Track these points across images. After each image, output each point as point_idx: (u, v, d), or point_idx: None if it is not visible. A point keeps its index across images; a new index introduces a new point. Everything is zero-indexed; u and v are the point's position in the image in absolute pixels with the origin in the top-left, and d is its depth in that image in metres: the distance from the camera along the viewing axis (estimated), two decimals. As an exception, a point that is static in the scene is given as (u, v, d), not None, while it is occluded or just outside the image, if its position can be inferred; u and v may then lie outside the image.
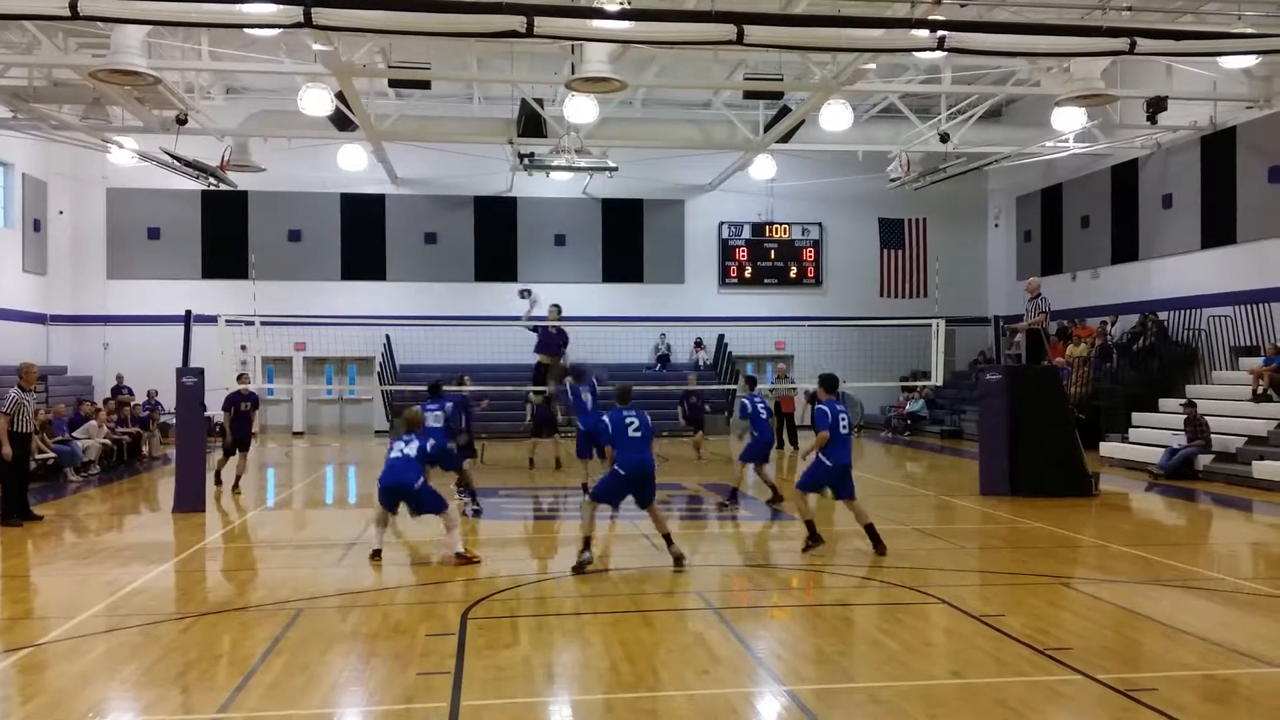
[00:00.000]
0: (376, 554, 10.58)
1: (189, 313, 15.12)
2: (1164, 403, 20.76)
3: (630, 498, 10.32)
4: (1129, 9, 15.14)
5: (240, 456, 16.59)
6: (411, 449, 10.81)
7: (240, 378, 17.64)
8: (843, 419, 10.78)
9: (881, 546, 10.65)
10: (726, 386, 27.25)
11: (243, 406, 16.73)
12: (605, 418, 10.35)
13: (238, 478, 16.45)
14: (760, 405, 14.65)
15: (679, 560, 10.07)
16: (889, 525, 12.99)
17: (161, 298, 27.38)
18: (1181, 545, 12.26)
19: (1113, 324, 25.42)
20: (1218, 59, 18.13)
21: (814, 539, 10.87)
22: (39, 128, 22.85)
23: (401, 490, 10.61)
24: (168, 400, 20.65)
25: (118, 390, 24.79)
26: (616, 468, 10.07)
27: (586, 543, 10.06)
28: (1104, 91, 17.75)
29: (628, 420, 10.16)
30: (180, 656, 7.17)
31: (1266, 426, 17.65)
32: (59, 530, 13.19)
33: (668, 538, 10.20)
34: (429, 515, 10.83)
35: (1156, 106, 20.85)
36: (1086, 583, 9.59)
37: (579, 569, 9.83)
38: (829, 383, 11.12)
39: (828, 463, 10.72)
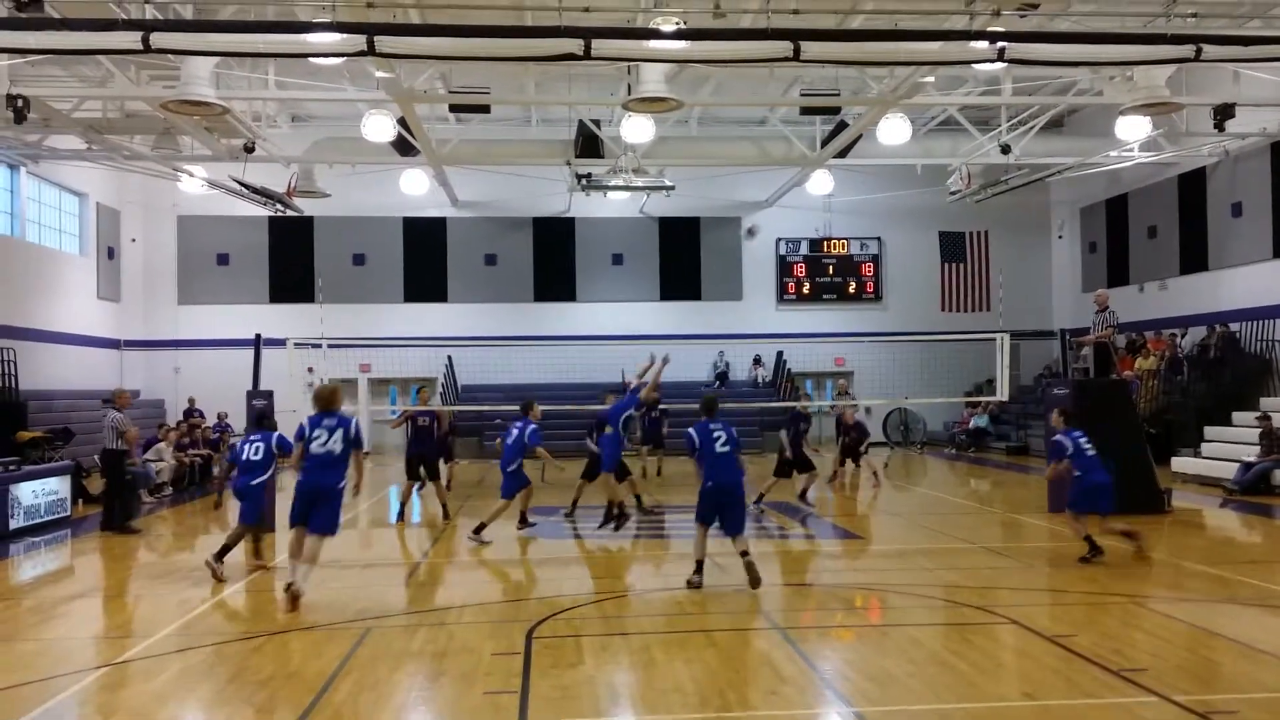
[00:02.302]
0: (290, 586, 9.24)
1: (259, 336, 15.42)
2: (1237, 416, 20.25)
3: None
4: (1194, 15, 14.84)
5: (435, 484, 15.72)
6: (337, 441, 9.40)
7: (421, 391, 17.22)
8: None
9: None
10: (786, 403, 27.08)
11: (420, 421, 15.71)
12: (691, 430, 9.94)
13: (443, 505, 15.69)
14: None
15: (754, 583, 9.62)
16: (955, 543, 12.83)
17: (231, 322, 27.98)
18: (1258, 562, 11.92)
19: (1182, 336, 24.88)
20: (1287, 64, 17.72)
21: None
22: (112, 158, 23.55)
23: (322, 493, 9.34)
24: (237, 422, 21.11)
25: (189, 413, 25.35)
26: (706, 481, 9.81)
27: (699, 566, 9.85)
28: (1169, 99, 17.43)
29: (715, 434, 9.85)
30: (253, 675, 7.30)
31: (1346, 439, 17.14)
32: (134, 550, 13.53)
33: (745, 554, 9.72)
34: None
35: (1224, 113, 20.37)
36: (1160, 601, 9.37)
37: (690, 586, 9.77)
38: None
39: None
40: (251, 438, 11.32)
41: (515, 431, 13.10)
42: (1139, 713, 6.22)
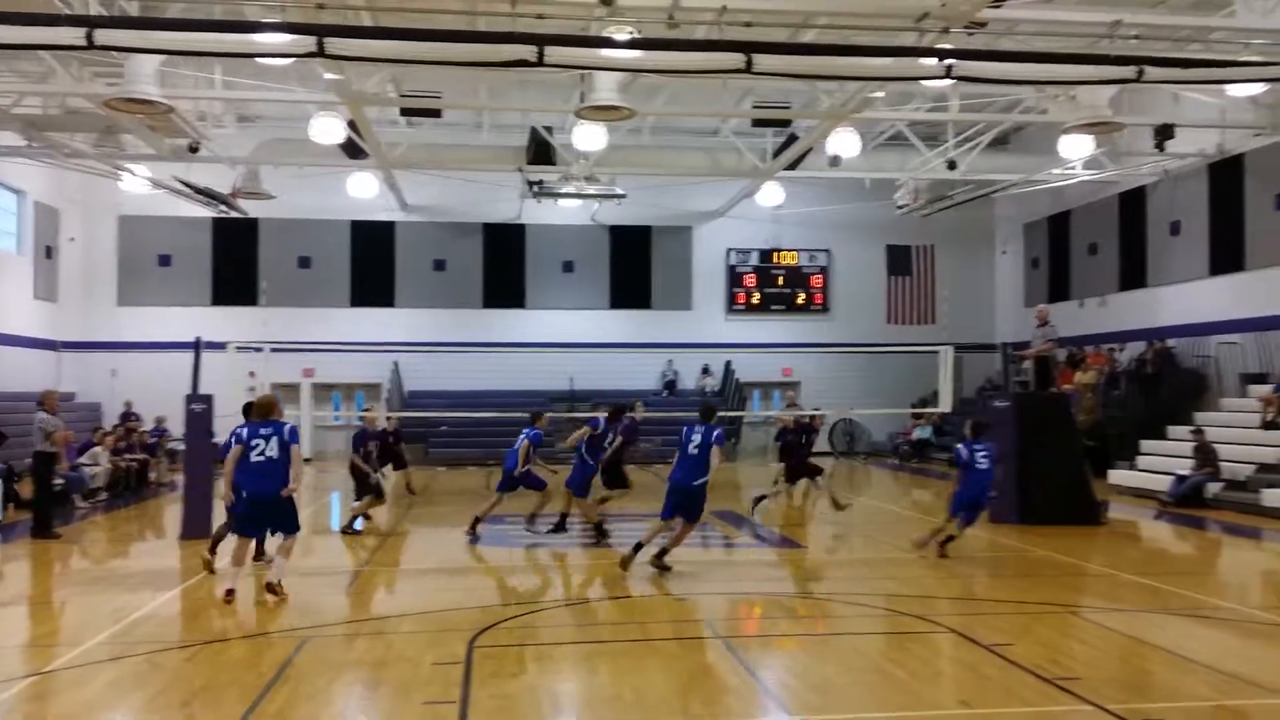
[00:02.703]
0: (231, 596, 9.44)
1: (199, 339, 15.18)
2: (1173, 430, 20.68)
3: None
4: (1136, 37, 15.16)
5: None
6: (274, 447, 9.54)
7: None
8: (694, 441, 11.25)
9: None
10: (734, 413, 27.20)
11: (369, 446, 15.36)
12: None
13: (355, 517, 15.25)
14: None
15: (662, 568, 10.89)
16: (896, 553, 12.96)
17: (171, 324, 27.43)
18: (1191, 574, 12.19)
19: (1121, 351, 25.38)
20: (1225, 87, 18.16)
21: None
22: (52, 156, 23.01)
23: (267, 500, 9.51)
24: (176, 427, 20.74)
25: (126, 417, 24.86)
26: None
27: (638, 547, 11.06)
28: (1111, 119, 17.79)
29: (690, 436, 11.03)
30: (186, 685, 7.16)
31: (1276, 454, 17.55)
32: (65, 556, 13.22)
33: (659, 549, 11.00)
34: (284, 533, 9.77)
35: (1164, 134, 20.88)
36: (1095, 611, 9.53)
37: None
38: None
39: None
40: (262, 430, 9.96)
41: (522, 438, 13.92)
42: (1073, 722, 6.32)
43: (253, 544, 10.48)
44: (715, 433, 10.89)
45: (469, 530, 13.79)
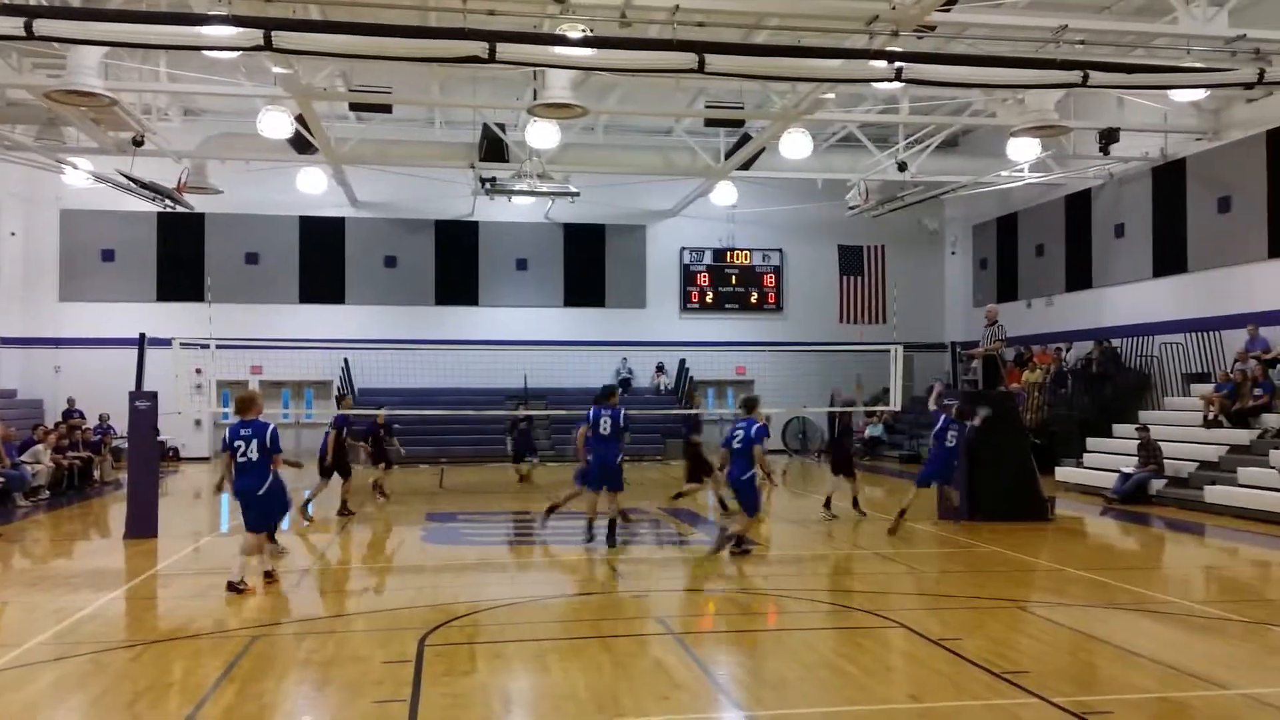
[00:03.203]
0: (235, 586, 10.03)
1: (143, 335, 14.91)
2: (1118, 428, 21.05)
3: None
4: (1082, 43, 15.42)
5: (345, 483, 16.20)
6: (254, 449, 9.97)
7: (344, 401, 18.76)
8: (603, 421, 12.70)
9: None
10: (688, 411, 27.22)
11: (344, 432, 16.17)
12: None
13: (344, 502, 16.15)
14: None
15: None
16: (848, 549, 13.06)
17: (115, 320, 26.95)
18: (1135, 569, 12.41)
19: (1067, 350, 25.78)
20: (1168, 92, 18.55)
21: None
22: (-9, 147, 22.51)
23: (248, 497, 10.06)
24: (120, 424, 20.35)
25: (69, 414, 24.37)
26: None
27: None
28: (1058, 123, 18.06)
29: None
30: (130, 685, 7.03)
31: (1218, 452, 17.94)
32: (6, 555, 12.93)
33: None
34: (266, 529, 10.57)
35: (1109, 138, 21.26)
36: (1043, 606, 9.67)
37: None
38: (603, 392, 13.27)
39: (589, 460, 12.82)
40: (242, 430, 10.19)
41: (740, 431, 12.06)
42: (1019, 714, 6.39)
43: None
44: (755, 428, 11.69)
45: (545, 515, 14.08)
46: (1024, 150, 21.73)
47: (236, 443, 10.07)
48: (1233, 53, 15.38)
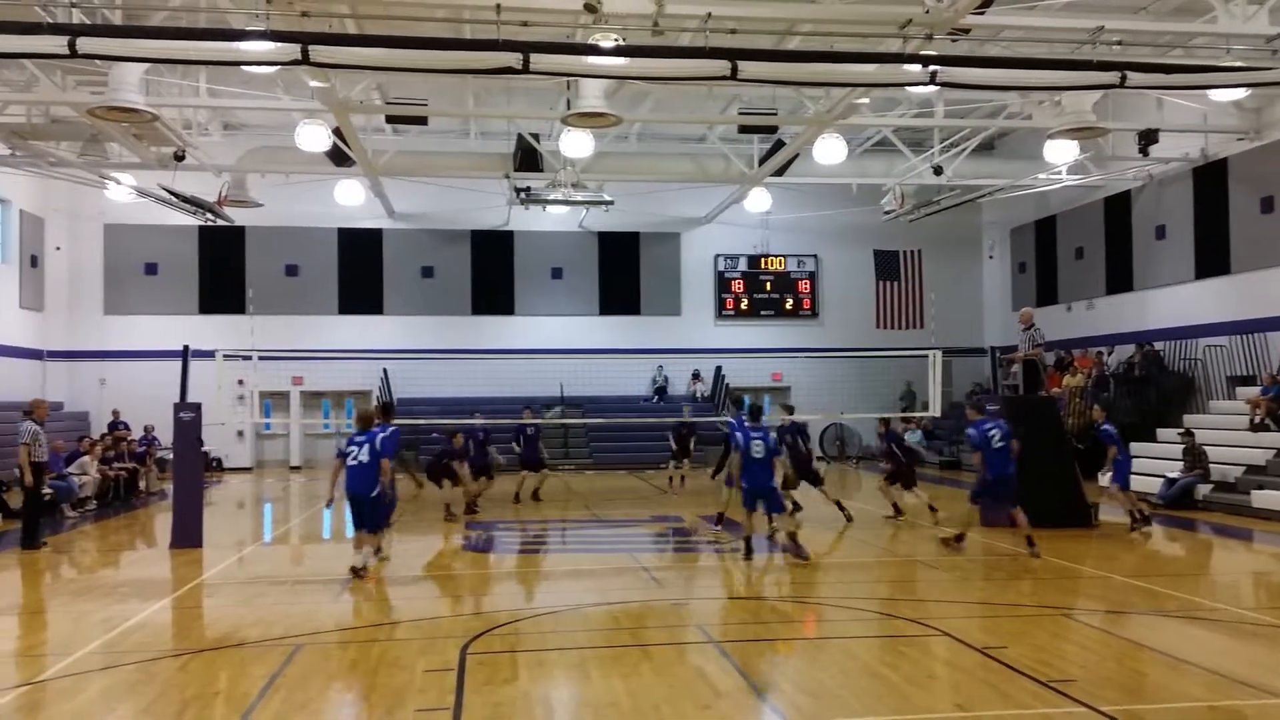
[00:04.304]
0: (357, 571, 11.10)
1: (186, 348, 15.12)
2: (1162, 433, 20.77)
3: None
4: (1119, 43, 15.26)
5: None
6: (365, 453, 10.94)
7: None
8: (755, 444, 12.24)
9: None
10: (723, 418, 27.20)
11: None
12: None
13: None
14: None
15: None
16: (889, 557, 12.98)
17: (158, 333, 27.38)
18: (1183, 575, 12.23)
19: (1109, 354, 25.48)
20: (1208, 92, 18.30)
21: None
22: (37, 164, 22.93)
23: (359, 499, 11.03)
24: (164, 435, 20.64)
25: (114, 426, 24.73)
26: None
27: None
28: (1095, 124, 17.89)
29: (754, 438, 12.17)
30: (178, 694, 7.12)
31: (1265, 455, 17.65)
32: (55, 566, 13.15)
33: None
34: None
35: (1148, 139, 21.04)
36: (1088, 614, 9.55)
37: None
38: (751, 412, 13.07)
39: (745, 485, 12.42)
40: (358, 438, 11.42)
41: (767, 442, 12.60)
42: (1067, 723, 6.32)
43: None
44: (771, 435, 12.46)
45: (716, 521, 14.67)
46: (1062, 152, 21.51)
47: (350, 448, 11.06)
48: (1273, 51, 15.19)
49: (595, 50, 12.84)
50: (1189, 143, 22.77)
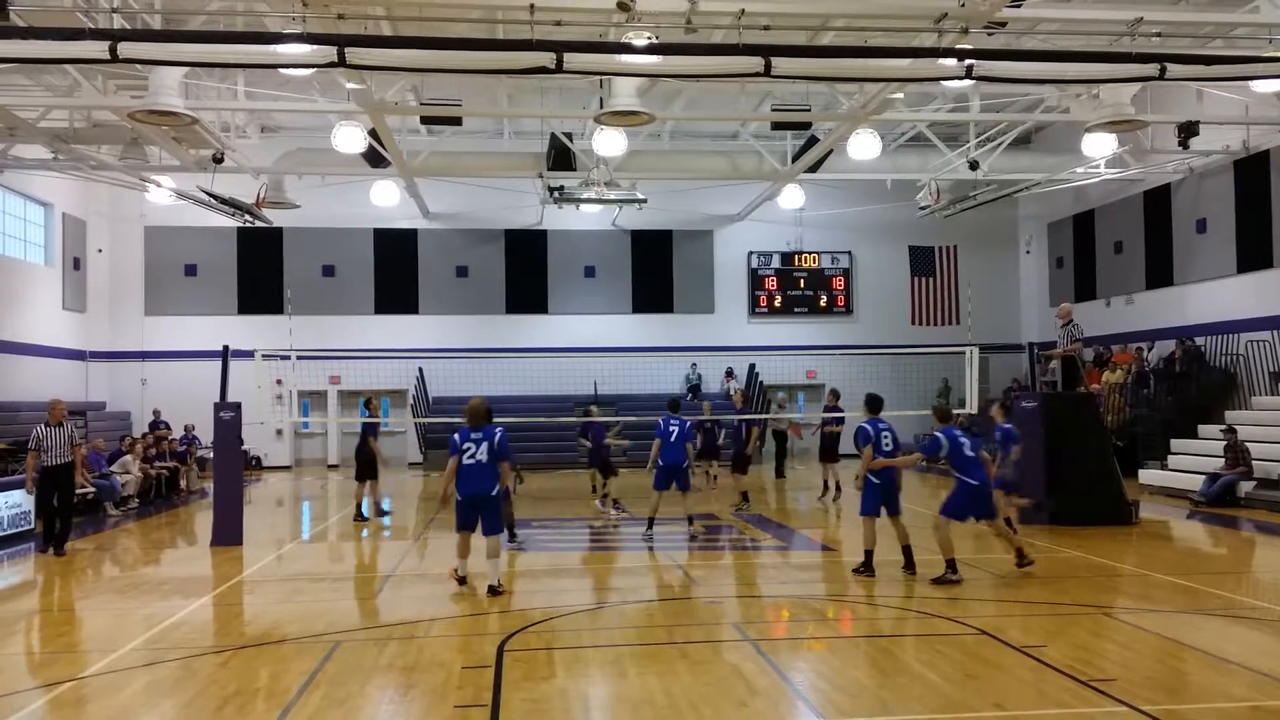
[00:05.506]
0: (463, 580, 10.61)
1: (226, 348, 15.30)
2: (1203, 429, 20.49)
3: None
4: (1158, 35, 15.06)
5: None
6: (483, 452, 10.12)
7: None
8: (885, 438, 11.53)
9: (913, 566, 11.27)
10: (758, 416, 27.12)
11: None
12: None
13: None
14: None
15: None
16: (925, 555, 12.89)
17: (198, 334, 27.75)
18: (1225, 573, 12.06)
19: (1149, 350, 25.17)
20: (1249, 83, 18.01)
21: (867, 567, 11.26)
22: (78, 168, 23.31)
23: (480, 500, 10.17)
24: (205, 434, 20.90)
25: (155, 425, 25.08)
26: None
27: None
28: (1134, 117, 17.69)
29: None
30: (219, 690, 7.22)
31: (1309, 452, 17.39)
32: (98, 564, 13.36)
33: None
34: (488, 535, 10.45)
35: (1188, 131, 20.71)
36: (1129, 612, 9.45)
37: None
38: (872, 403, 12.17)
39: (875, 480, 11.37)
40: (473, 434, 10.35)
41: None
42: (1108, 723, 6.26)
43: (470, 536, 10.65)
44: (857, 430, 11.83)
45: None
46: (1100, 146, 21.27)
47: (467, 445, 10.20)
48: (1318, 41, 14.92)
49: (628, 49, 12.85)
50: (1230, 135, 22.44)
